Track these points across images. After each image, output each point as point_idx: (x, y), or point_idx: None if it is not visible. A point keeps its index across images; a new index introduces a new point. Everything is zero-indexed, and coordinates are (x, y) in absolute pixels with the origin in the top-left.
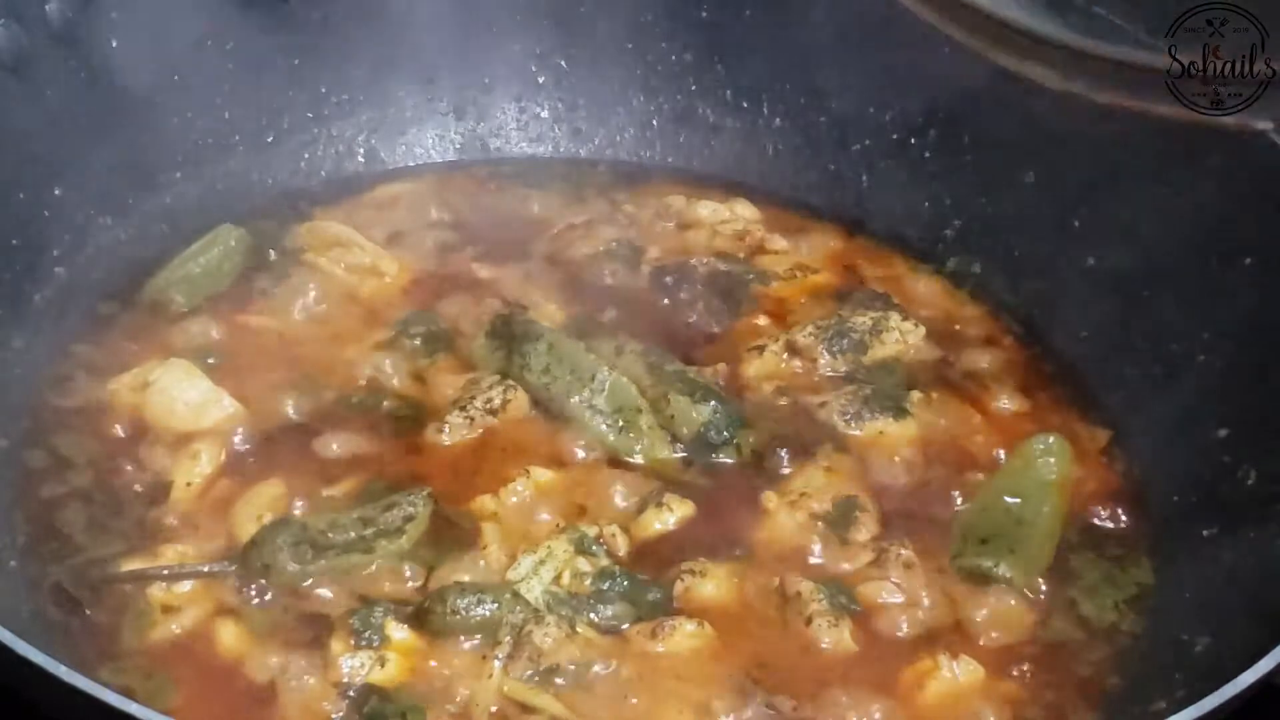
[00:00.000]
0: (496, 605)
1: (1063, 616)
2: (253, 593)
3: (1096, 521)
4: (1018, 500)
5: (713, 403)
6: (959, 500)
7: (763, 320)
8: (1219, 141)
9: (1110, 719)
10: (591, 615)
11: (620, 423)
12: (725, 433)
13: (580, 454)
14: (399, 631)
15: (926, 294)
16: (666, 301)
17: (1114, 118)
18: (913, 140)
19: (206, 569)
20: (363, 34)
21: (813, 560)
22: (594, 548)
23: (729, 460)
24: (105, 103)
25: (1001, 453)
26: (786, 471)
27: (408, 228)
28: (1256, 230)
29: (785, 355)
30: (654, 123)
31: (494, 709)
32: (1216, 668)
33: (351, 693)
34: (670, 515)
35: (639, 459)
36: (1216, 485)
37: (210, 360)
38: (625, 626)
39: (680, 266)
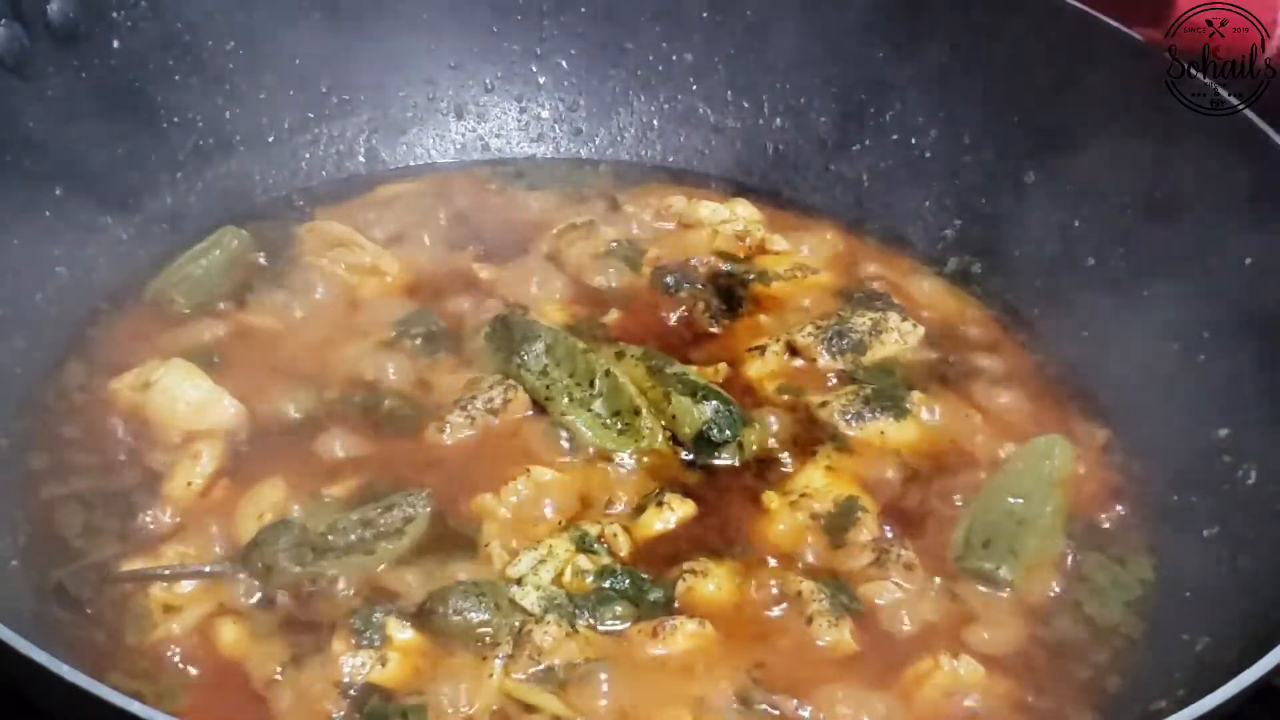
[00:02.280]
0: (497, 605)
1: (1064, 617)
2: (253, 593)
3: (1097, 521)
4: (1019, 501)
5: (714, 403)
6: (959, 501)
7: (763, 320)
8: (1219, 144)
9: (1110, 719)
10: (592, 616)
11: (620, 423)
12: (726, 432)
13: (580, 453)
14: (400, 631)
15: (927, 294)
16: (667, 301)
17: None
18: (913, 140)
19: (207, 569)
20: (363, 34)
21: (813, 560)
22: (595, 546)
23: (730, 460)
24: (106, 103)
25: (1002, 453)
26: (787, 471)
27: (408, 228)
28: (1257, 230)
29: (785, 355)
30: (654, 123)
31: (495, 708)
32: (1216, 668)
33: (352, 692)
34: (671, 514)
35: (639, 458)
36: (1216, 485)
37: (212, 360)
38: (626, 626)
39: (680, 266)
